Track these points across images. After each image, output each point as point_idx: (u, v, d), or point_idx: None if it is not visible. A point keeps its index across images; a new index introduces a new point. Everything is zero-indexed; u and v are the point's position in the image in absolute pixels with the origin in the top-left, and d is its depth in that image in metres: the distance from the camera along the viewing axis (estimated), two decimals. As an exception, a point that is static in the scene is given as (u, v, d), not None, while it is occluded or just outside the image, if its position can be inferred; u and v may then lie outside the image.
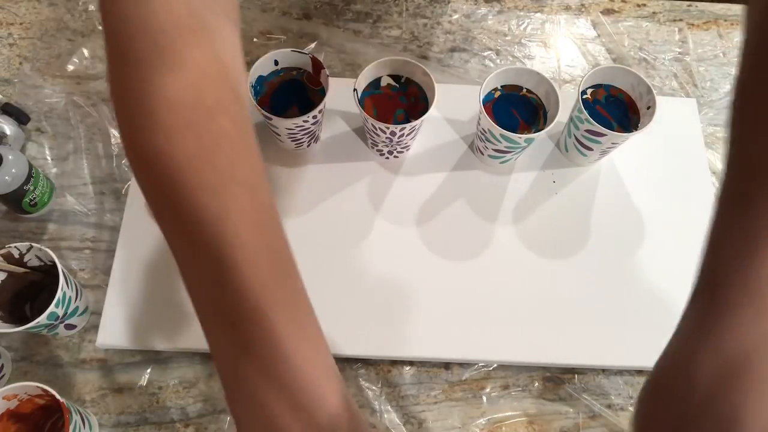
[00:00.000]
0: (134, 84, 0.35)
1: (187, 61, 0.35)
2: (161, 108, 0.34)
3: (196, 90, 0.35)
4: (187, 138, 0.34)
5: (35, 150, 0.69)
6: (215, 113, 0.35)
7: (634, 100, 0.63)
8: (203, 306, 0.36)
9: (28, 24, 0.76)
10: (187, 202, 0.34)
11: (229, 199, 0.34)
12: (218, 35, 0.38)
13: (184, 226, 0.35)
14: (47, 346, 0.60)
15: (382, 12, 0.79)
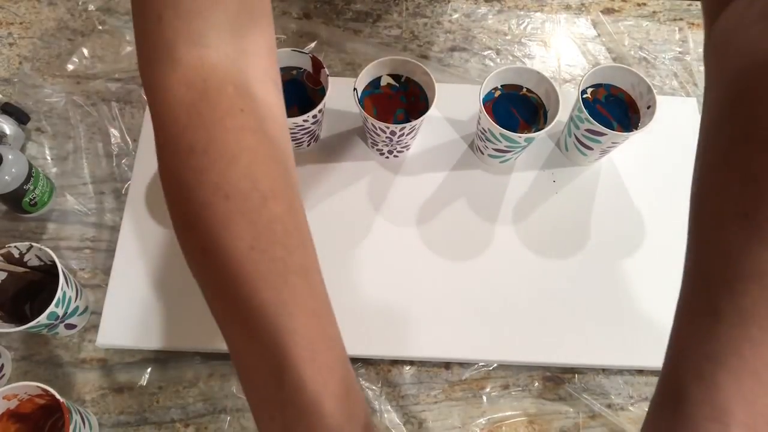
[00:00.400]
0: (188, 174, 0.35)
1: (241, 149, 0.35)
2: (217, 199, 0.34)
3: (250, 177, 0.35)
4: (242, 227, 0.34)
5: (35, 150, 0.69)
6: (269, 199, 0.35)
7: (634, 99, 0.63)
8: (255, 392, 0.36)
9: (28, 24, 0.76)
10: (243, 293, 0.34)
11: (285, 290, 0.34)
12: (266, 108, 0.38)
13: (239, 315, 0.35)
14: (47, 345, 0.60)
15: (382, 11, 0.79)
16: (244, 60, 0.37)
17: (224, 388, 0.58)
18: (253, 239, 0.34)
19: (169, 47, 0.35)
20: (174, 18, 0.35)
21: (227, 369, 0.59)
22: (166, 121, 0.35)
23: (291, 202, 0.37)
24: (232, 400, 0.58)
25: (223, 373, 0.59)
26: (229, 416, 0.57)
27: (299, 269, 0.36)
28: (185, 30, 0.35)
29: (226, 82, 0.36)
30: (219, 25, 0.36)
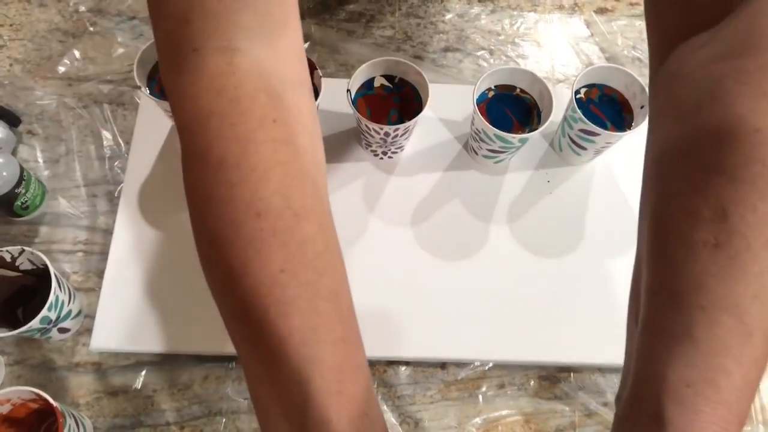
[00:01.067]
0: (218, 189, 0.33)
1: (274, 163, 0.33)
2: (248, 217, 0.32)
3: (282, 194, 0.33)
4: (273, 248, 0.32)
5: (27, 152, 0.68)
6: (301, 218, 0.33)
7: (627, 99, 0.63)
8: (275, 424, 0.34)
9: (18, 26, 0.76)
10: (269, 318, 0.33)
11: (313, 316, 0.33)
12: (297, 115, 0.36)
13: (263, 341, 0.33)
14: (41, 349, 0.59)
15: (375, 12, 0.79)
16: (275, 62, 0.35)
17: (219, 391, 0.58)
18: (284, 261, 0.32)
19: (198, 51, 0.34)
20: (202, 20, 0.33)
21: (222, 371, 0.59)
22: (195, 130, 0.34)
23: (322, 221, 0.35)
24: (227, 402, 0.58)
25: (218, 376, 0.59)
26: (225, 418, 0.57)
27: (329, 294, 0.34)
28: (214, 33, 0.34)
29: (258, 89, 0.34)
30: (249, 27, 0.34)
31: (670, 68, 0.37)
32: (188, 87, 0.34)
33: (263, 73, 0.34)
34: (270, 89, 0.34)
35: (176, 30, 0.34)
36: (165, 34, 0.35)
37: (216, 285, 0.35)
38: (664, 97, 0.38)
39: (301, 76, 0.38)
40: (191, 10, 0.33)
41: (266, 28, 0.35)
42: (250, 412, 0.58)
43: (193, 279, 0.61)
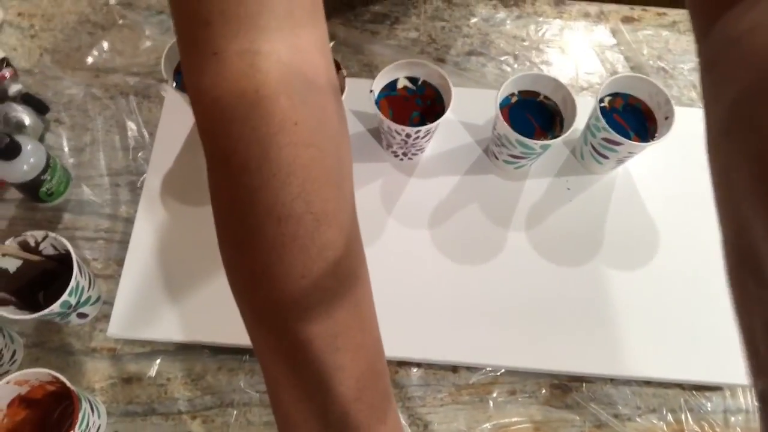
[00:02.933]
0: (241, 193, 0.33)
1: (295, 167, 0.33)
2: (270, 222, 0.33)
3: (303, 198, 0.33)
4: (294, 254, 0.32)
5: (53, 140, 0.69)
6: (322, 223, 0.33)
7: (651, 109, 0.63)
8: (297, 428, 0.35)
9: (50, 16, 0.77)
10: (290, 324, 0.33)
11: (334, 323, 0.33)
12: (321, 114, 0.36)
13: (283, 346, 0.34)
14: (59, 333, 0.60)
15: (400, 14, 0.79)
16: (298, 63, 0.35)
17: (232, 383, 0.59)
18: (305, 267, 0.33)
19: (219, 54, 0.33)
20: (223, 22, 0.33)
21: (235, 363, 0.60)
22: (217, 133, 0.34)
23: (344, 225, 0.35)
24: (239, 394, 0.58)
25: (231, 368, 0.59)
26: (236, 410, 0.58)
27: (349, 299, 0.34)
28: (235, 36, 0.33)
29: (279, 92, 0.33)
30: (270, 29, 0.34)
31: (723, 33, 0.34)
32: (210, 90, 0.34)
33: (285, 74, 0.34)
34: (292, 91, 0.34)
35: (196, 33, 0.34)
36: (186, 36, 0.35)
37: (238, 287, 0.35)
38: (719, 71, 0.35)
39: (327, 75, 0.37)
40: (211, 13, 0.33)
41: (288, 29, 0.34)
42: (261, 405, 0.58)
43: (210, 271, 0.62)
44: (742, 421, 0.59)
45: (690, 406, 0.60)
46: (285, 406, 0.35)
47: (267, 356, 0.35)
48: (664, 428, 0.59)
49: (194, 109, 0.35)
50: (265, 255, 0.33)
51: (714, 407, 0.60)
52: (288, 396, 0.34)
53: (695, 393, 0.60)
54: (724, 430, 0.59)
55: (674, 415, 0.59)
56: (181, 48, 0.36)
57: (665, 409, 0.60)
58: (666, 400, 0.60)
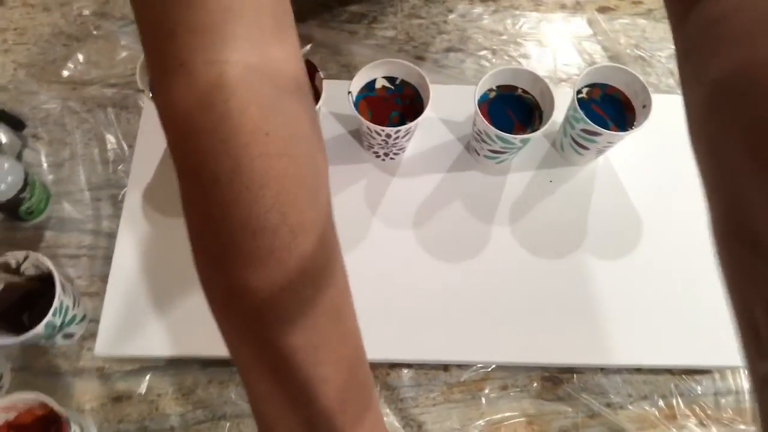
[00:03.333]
0: (212, 208, 0.33)
1: (268, 178, 0.32)
2: (244, 237, 0.32)
3: (278, 210, 0.32)
4: (270, 267, 0.32)
5: (31, 156, 0.69)
6: (298, 234, 0.33)
7: (629, 98, 0.63)
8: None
9: (23, 29, 0.76)
10: (271, 338, 0.33)
11: (315, 334, 0.33)
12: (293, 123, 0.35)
13: (266, 361, 0.33)
14: (46, 355, 0.60)
15: (377, 13, 0.79)
16: (268, 70, 0.34)
17: (223, 395, 0.59)
18: (283, 279, 0.32)
19: (185, 65, 0.33)
20: (188, 33, 0.32)
21: (226, 375, 0.59)
22: (186, 148, 0.33)
23: (321, 234, 0.34)
24: (231, 406, 0.58)
25: (221, 380, 0.59)
26: (228, 422, 0.58)
27: (329, 310, 0.34)
28: (202, 45, 0.32)
29: (249, 101, 0.32)
30: (238, 37, 0.33)
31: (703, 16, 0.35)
32: (178, 103, 0.33)
33: (254, 83, 0.33)
34: (262, 100, 0.33)
35: (162, 44, 0.33)
36: (151, 48, 0.34)
37: (216, 303, 0.35)
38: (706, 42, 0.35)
39: (298, 81, 0.37)
40: (176, 24, 0.32)
41: (257, 37, 0.34)
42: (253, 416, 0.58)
43: (196, 283, 0.61)
44: (733, 402, 0.60)
45: (680, 390, 0.60)
46: (268, 420, 0.34)
47: (249, 371, 0.34)
48: (656, 414, 0.59)
49: (163, 122, 0.34)
50: (241, 270, 0.32)
51: (704, 390, 0.60)
52: (271, 409, 0.34)
53: (685, 377, 0.61)
54: (715, 412, 0.59)
55: (665, 400, 0.60)
56: (147, 60, 0.35)
57: (656, 395, 0.60)
58: (657, 386, 0.61)
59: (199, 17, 0.32)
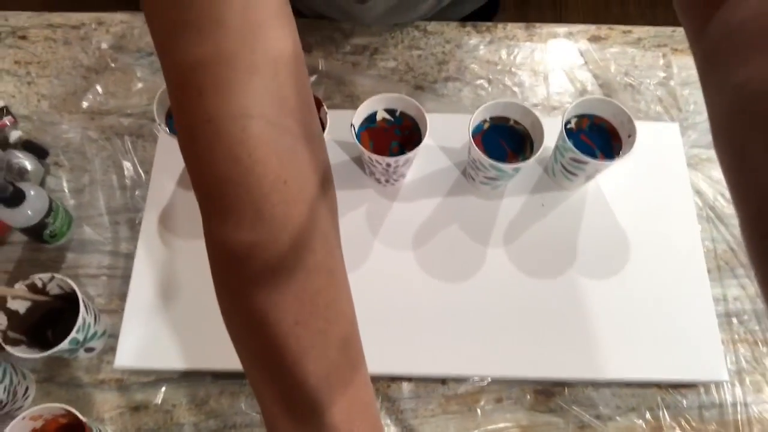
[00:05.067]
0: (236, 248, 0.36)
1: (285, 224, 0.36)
2: (264, 275, 0.36)
3: (294, 251, 0.36)
4: (288, 303, 0.36)
5: (54, 183, 0.73)
6: (311, 272, 0.37)
7: (616, 128, 0.67)
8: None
9: (45, 63, 0.81)
10: (285, 366, 0.36)
11: (325, 363, 0.37)
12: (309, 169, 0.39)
13: (279, 386, 0.37)
14: (68, 368, 0.64)
15: (379, 44, 0.83)
16: (284, 119, 0.38)
17: (234, 406, 0.62)
18: (298, 314, 0.36)
19: (211, 122, 0.36)
20: (214, 92, 0.36)
21: (236, 387, 0.63)
22: (214, 195, 0.37)
23: (332, 270, 0.39)
24: (241, 416, 0.62)
25: (232, 391, 0.63)
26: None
27: (339, 341, 0.38)
28: (226, 103, 0.36)
29: (270, 152, 0.36)
30: (259, 94, 0.36)
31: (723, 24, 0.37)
32: (205, 155, 0.37)
33: (274, 134, 0.37)
34: (281, 150, 0.37)
35: (191, 101, 0.37)
36: (181, 105, 0.38)
37: (234, 332, 0.39)
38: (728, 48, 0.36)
39: (311, 128, 0.41)
40: (204, 83, 0.36)
41: (275, 90, 0.37)
42: (262, 426, 0.61)
43: (208, 301, 0.64)
44: (716, 415, 0.63)
45: (667, 403, 0.64)
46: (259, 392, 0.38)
47: (264, 394, 0.38)
48: (643, 426, 0.62)
49: (190, 170, 0.38)
50: (260, 304, 0.36)
51: (689, 404, 0.64)
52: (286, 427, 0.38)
53: (671, 391, 0.64)
54: (699, 424, 0.62)
55: (652, 412, 0.63)
56: (175, 115, 0.39)
57: (644, 408, 0.63)
58: (644, 399, 0.64)
59: (225, 73, 0.36)
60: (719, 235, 0.72)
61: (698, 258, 0.68)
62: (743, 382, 0.64)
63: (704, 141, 0.78)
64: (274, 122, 0.37)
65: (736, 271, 0.70)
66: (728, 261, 0.71)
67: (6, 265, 0.68)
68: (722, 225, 0.73)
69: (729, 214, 0.73)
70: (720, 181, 0.75)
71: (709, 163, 0.76)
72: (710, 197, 0.74)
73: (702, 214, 0.73)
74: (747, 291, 0.69)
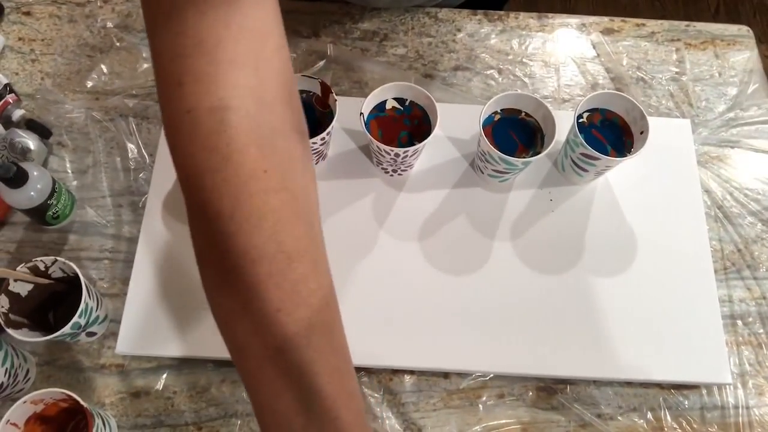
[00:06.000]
0: (217, 238, 0.36)
1: (265, 212, 0.36)
2: (245, 263, 0.36)
3: (275, 239, 0.36)
4: (269, 291, 0.36)
5: (57, 163, 0.72)
6: (293, 260, 0.37)
7: (628, 124, 0.66)
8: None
9: (50, 40, 0.80)
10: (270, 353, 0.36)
11: (309, 350, 0.37)
12: (288, 161, 0.39)
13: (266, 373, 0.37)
14: (69, 351, 0.63)
15: (388, 30, 0.82)
16: (266, 114, 0.38)
17: (235, 394, 0.62)
18: (280, 302, 0.36)
19: (191, 113, 0.36)
20: (194, 83, 0.36)
21: (237, 375, 0.62)
22: (193, 186, 0.37)
23: (315, 260, 0.38)
24: (242, 405, 0.62)
25: (233, 380, 0.63)
26: (240, 420, 0.61)
27: (322, 327, 0.38)
28: (205, 94, 0.36)
29: (249, 143, 0.36)
30: (239, 85, 0.37)
31: None
32: (185, 146, 0.37)
33: (254, 125, 0.37)
34: (261, 141, 0.37)
35: (173, 92, 0.37)
36: (163, 96, 0.38)
37: (221, 322, 0.39)
38: None
39: (292, 122, 0.40)
40: (185, 75, 0.36)
41: (256, 84, 0.38)
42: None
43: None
44: (718, 417, 0.63)
45: (669, 404, 0.63)
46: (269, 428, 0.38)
47: (252, 382, 0.38)
48: (644, 426, 0.62)
49: (174, 162, 0.38)
50: (242, 293, 0.36)
51: (691, 405, 0.63)
52: (271, 418, 0.38)
53: (673, 392, 0.64)
54: (701, 426, 0.62)
55: (654, 413, 0.63)
56: (160, 104, 0.39)
57: (645, 408, 0.63)
58: (646, 399, 0.64)
59: (205, 66, 0.36)
60: (727, 235, 0.71)
61: (705, 258, 0.68)
62: (746, 385, 0.64)
63: (715, 139, 0.77)
64: (253, 115, 0.37)
65: (742, 273, 0.70)
66: (735, 262, 0.70)
67: (7, 246, 0.67)
68: (730, 225, 0.72)
69: (737, 213, 0.73)
70: (729, 180, 0.75)
71: (719, 161, 0.76)
72: (719, 196, 0.73)
73: (710, 213, 0.72)
74: (752, 293, 0.69)
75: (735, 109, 0.79)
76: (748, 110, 0.79)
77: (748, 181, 0.75)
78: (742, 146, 0.77)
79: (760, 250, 0.71)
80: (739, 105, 0.79)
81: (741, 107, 0.79)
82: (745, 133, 0.78)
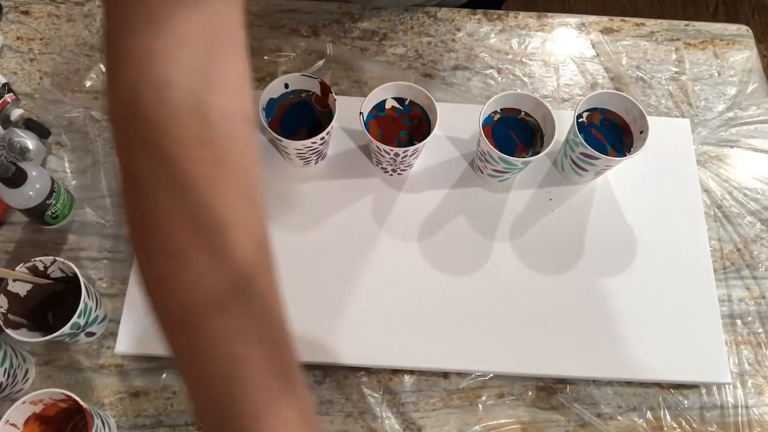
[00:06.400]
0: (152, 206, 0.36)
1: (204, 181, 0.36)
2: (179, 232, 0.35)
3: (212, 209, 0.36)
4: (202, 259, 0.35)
5: (55, 163, 0.72)
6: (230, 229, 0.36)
7: (628, 124, 0.66)
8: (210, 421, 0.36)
9: (48, 39, 0.79)
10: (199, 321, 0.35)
11: (241, 317, 0.36)
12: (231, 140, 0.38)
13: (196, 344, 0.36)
14: (68, 351, 0.63)
15: (388, 30, 0.82)
16: (211, 95, 0.37)
17: (234, 394, 0.62)
18: (210, 267, 0.35)
19: (133, 89, 0.36)
20: (138, 59, 0.36)
21: (237, 376, 0.63)
22: (130, 156, 0.36)
23: (255, 232, 0.37)
24: (241, 405, 0.61)
25: (233, 380, 0.62)
26: (239, 421, 0.61)
27: (257, 297, 0.37)
28: (149, 70, 0.36)
29: (189, 117, 0.36)
30: (185, 64, 0.36)
31: None
32: (126, 121, 0.36)
33: (197, 104, 0.36)
34: (203, 117, 0.36)
35: (118, 67, 0.36)
36: (107, 69, 0.38)
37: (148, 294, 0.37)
38: None
39: (240, 107, 0.39)
40: (131, 50, 0.36)
41: (203, 64, 0.37)
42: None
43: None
44: (717, 417, 0.63)
45: (668, 403, 0.63)
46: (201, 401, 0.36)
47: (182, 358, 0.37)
48: (644, 425, 0.62)
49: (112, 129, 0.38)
50: (171, 260, 0.35)
51: (690, 404, 0.63)
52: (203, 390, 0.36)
53: (673, 391, 0.64)
54: (700, 425, 0.62)
55: (653, 412, 0.63)
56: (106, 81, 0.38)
57: (645, 407, 0.63)
58: (645, 398, 0.64)
59: (150, 44, 0.36)
60: (726, 234, 0.72)
61: (705, 258, 0.68)
62: (745, 384, 0.64)
63: (714, 138, 0.77)
64: (197, 93, 0.36)
65: (741, 272, 0.70)
66: (734, 261, 0.70)
67: (6, 246, 0.67)
68: (729, 225, 0.72)
69: (736, 213, 0.73)
70: (728, 179, 0.75)
71: (718, 161, 0.76)
72: (718, 196, 0.73)
73: (709, 212, 0.72)
74: (752, 292, 0.69)
75: (734, 108, 0.79)
76: (747, 110, 0.79)
77: (748, 180, 0.75)
78: (742, 146, 0.77)
79: (759, 250, 0.71)
80: (739, 104, 0.79)
81: (740, 107, 0.79)
82: (744, 133, 0.78)
